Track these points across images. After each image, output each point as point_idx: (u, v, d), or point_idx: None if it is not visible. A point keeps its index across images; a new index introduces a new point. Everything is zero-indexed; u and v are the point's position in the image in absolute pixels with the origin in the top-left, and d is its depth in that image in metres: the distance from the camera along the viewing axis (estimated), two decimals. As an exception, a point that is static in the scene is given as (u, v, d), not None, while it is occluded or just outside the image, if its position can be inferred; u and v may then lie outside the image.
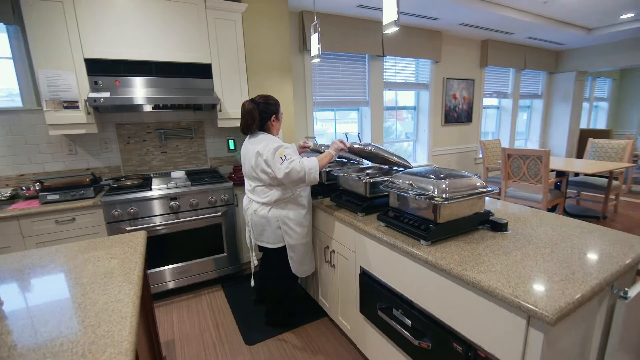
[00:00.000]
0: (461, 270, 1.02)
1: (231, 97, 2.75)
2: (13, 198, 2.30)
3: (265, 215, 1.78)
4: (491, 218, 1.36)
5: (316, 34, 2.54)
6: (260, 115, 1.77)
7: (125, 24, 2.30)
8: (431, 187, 1.25)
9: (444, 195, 1.21)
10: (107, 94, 2.23)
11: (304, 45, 3.38)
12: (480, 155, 4.50)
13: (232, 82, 2.74)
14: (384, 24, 1.76)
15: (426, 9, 3.49)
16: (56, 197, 2.16)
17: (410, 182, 1.35)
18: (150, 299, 1.58)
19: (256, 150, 1.70)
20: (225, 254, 2.59)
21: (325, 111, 3.92)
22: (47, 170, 2.49)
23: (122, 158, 2.73)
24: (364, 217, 1.61)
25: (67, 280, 1.08)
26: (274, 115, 1.82)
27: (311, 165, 1.63)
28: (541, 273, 0.97)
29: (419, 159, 4.74)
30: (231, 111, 2.77)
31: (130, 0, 2.29)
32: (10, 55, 2.31)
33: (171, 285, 2.42)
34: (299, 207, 1.82)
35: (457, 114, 4.77)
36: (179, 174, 2.63)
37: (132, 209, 2.21)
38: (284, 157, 1.63)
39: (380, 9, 3.34)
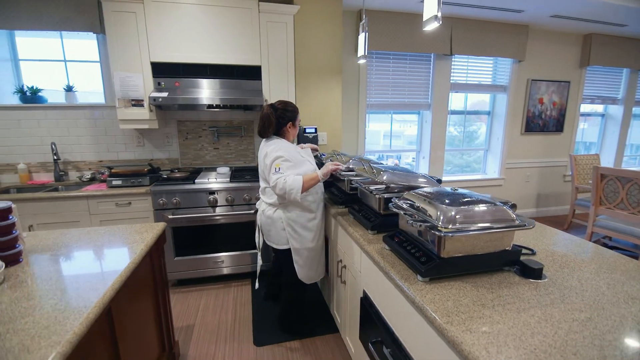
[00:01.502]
0: (446, 321, 0.83)
1: (278, 97, 2.76)
2: (92, 180, 2.73)
3: (271, 216, 1.81)
4: (523, 259, 1.09)
5: (364, 33, 2.41)
6: (277, 120, 1.79)
7: (186, 31, 2.51)
8: (438, 214, 1.05)
9: (450, 226, 1.00)
10: (165, 94, 2.48)
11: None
12: (570, 172, 3.74)
13: (280, 83, 2.78)
14: (424, 19, 1.57)
15: (507, 1, 3.02)
16: (119, 182, 2.49)
17: (418, 204, 1.16)
18: (163, 284, 1.69)
19: (266, 152, 1.75)
20: (257, 251, 2.66)
21: (379, 114, 3.72)
22: (120, 158, 2.90)
23: (181, 152, 3.02)
24: (374, 235, 1.45)
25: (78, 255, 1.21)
26: (291, 122, 1.83)
27: (293, 187, 1.61)
28: (554, 351, 0.72)
29: (490, 171, 4.17)
30: (277, 112, 2.81)
31: (192, 8, 2.49)
32: (99, 60, 2.74)
33: (205, 273, 2.58)
34: (305, 211, 1.80)
35: (544, 122, 4.04)
36: (224, 170, 2.79)
37: (175, 199, 2.42)
38: (276, 170, 1.67)
39: (446, 4, 3.02)
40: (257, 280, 2.10)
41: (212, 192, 2.48)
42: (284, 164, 1.68)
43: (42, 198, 2.29)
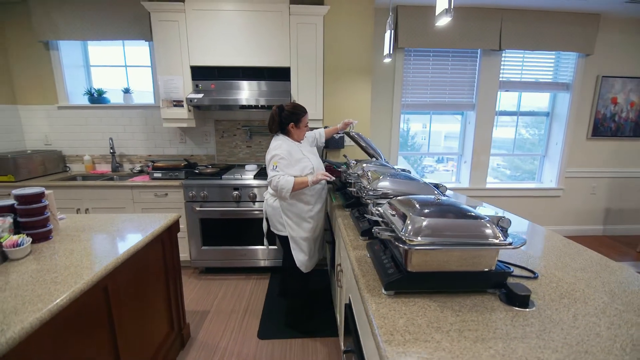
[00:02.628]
0: (386, 339, 0.77)
1: (306, 98, 2.83)
2: (140, 172, 3.07)
3: (272, 205, 1.96)
4: (514, 282, 0.96)
5: (389, 31, 2.32)
6: (280, 120, 1.93)
7: (221, 36, 2.67)
8: (407, 223, 0.98)
9: (416, 238, 0.93)
10: (200, 95, 2.68)
11: (396, 43, 3.13)
12: (651, 186, 3.14)
13: (308, 83, 2.81)
14: (436, 14, 1.49)
15: (568, -14, 2.65)
16: (159, 175, 2.76)
17: (392, 210, 1.09)
18: (175, 269, 1.83)
19: (269, 148, 1.92)
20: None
21: (416, 114, 3.54)
22: (165, 153, 3.21)
23: (217, 149, 3.23)
24: (363, 241, 1.40)
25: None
26: (292, 123, 1.95)
27: (284, 186, 1.79)
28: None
29: (546, 180, 3.70)
30: (304, 112, 2.85)
31: (227, 14, 2.65)
32: (150, 64, 3.06)
33: (228, 263, 2.74)
34: (301, 203, 1.94)
35: (617, 125, 3.45)
36: (251, 167, 2.92)
37: (203, 192, 2.61)
38: (274, 167, 1.84)
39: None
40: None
41: (236, 188, 2.62)
42: (281, 162, 1.83)
43: (96, 186, 2.65)
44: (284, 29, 2.70)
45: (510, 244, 0.93)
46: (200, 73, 2.78)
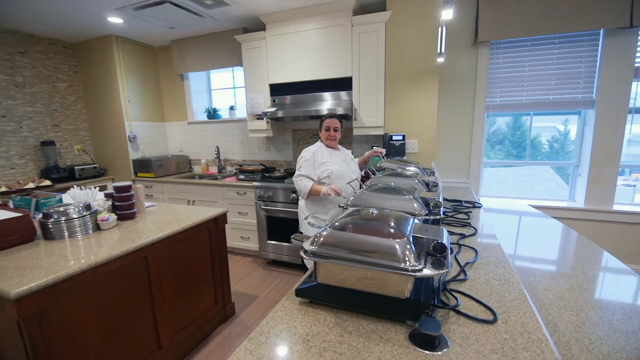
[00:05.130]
0: (253, 336, 0.83)
1: (367, 105, 2.86)
2: (236, 174, 3.73)
3: (300, 204, 2.15)
4: (427, 318, 0.83)
5: (441, 28, 2.11)
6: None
7: (293, 55, 3.00)
8: (317, 232, 0.97)
9: (313, 247, 0.92)
10: (274, 109, 3.07)
11: (476, 38, 2.75)
12: None
13: (369, 91, 2.82)
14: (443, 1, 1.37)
15: None
16: (243, 177, 3.31)
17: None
18: (221, 254, 2.20)
19: None
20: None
21: (506, 116, 2.98)
22: (255, 158, 3.78)
23: (294, 155, 3.59)
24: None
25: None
26: (320, 128, 2.19)
27: (301, 189, 2.03)
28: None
29: None
30: (366, 120, 2.88)
31: (297, 36, 2.95)
32: (243, 85, 3.69)
33: (286, 258, 3.02)
34: (321, 203, 2.06)
35: None
36: (315, 173, 3.13)
37: (268, 193, 2.98)
38: (299, 168, 2.08)
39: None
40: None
41: (294, 191, 2.88)
42: (305, 163, 2.07)
43: (199, 184, 3.40)
44: (346, 41, 2.81)
45: (419, 270, 0.81)
46: (276, 89, 3.18)
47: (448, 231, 1.61)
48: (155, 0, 2.67)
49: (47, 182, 3.18)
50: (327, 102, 2.98)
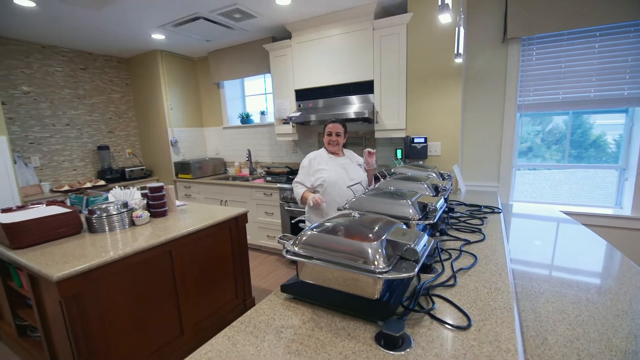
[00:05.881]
0: (236, 324, 0.92)
1: (389, 108, 2.85)
2: (264, 176, 3.91)
3: (305, 214, 2.22)
4: (395, 319, 0.86)
5: (458, 28, 2.06)
6: None
7: (317, 61, 3.10)
8: (303, 232, 1.03)
9: (295, 248, 0.99)
10: (298, 114, 3.19)
11: (505, 35, 2.62)
12: None
13: (390, 94, 2.82)
14: (439, 6, 1.38)
15: None
16: (270, 179, 3.47)
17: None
18: (242, 251, 2.34)
19: None
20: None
21: (539, 116, 2.78)
22: (283, 161, 3.93)
23: (319, 158, 3.67)
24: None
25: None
26: (323, 133, 2.22)
27: (296, 195, 2.16)
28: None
29: None
30: (387, 122, 2.88)
31: (321, 42, 3.04)
32: (272, 91, 3.86)
33: (309, 259, 3.10)
34: (318, 211, 2.08)
35: None
36: (337, 175, 3.18)
37: (291, 195, 3.09)
38: (298, 174, 2.18)
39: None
40: None
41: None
42: (301, 170, 2.16)
43: (230, 185, 3.63)
44: (367, 45, 2.83)
45: (385, 272, 0.84)
46: (301, 94, 3.30)
47: (454, 237, 1.58)
48: (190, 17, 2.92)
49: (102, 182, 3.61)
50: (349, 106, 3.02)
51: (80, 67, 3.73)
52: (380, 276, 0.84)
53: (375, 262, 0.87)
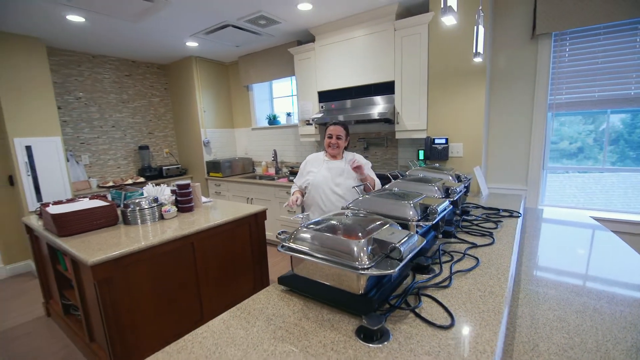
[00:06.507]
0: (232, 310, 1.01)
1: (410, 108, 2.84)
2: (287, 176, 4.03)
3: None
4: (375, 314, 0.91)
5: (477, 27, 2.01)
6: None
7: (339, 63, 3.15)
8: (300, 228, 1.10)
9: (290, 243, 1.06)
10: (320, 115, 3.26)
11: (534, 31, 2.50)
12: None
13: (412, 94, 2.80)
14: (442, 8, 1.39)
15: None
16: (292, 178, 3.57)
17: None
18: (260, 244, 2.45)
19: None
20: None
21: (573, 115, 2.60)
22: (307, 161, 4.02)
23: (342, 158, 3.72)
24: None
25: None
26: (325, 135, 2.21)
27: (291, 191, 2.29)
28: None
29: None
30: (408, 123, 2.86)
31: (343, 44, 3.09)
32: (295, 93, 3.96)
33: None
34: (307, 205, 2.23)
35: None
36: (358, 176, 3.20)
37: (312, 194, 3.16)
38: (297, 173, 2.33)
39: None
40: None
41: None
42: (299, 171, 2.31)
43: (255, 183, 3.79)
44: (389, 45, 2.83)
45: (367, 268, 0.89)
46: (324, 96, 3.37)
47: (461, 239, 1.56)
48: (220, 25, 3.10)
49: (141, 179, 3.94)
50: (369, 107, 3.04)
51: (125, 74, 4.09)
52: (362, 272, 0.88)
53: (360, 259, 0.91)
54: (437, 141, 2.71)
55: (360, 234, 0.99)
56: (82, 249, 1.64)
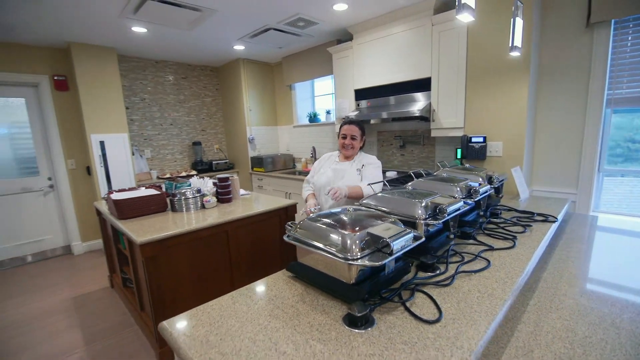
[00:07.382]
0: (238, 289, 1.14)
1: (446, 106, 2.76)
2: (324, 171, 4.13)
3: None
4: (362, 303, 0.97)
5: (514, 19, 1.90)
6: None
7: (376, 61, 3.17)
8: (301, 219, 1.19)
9: (292, 232, 1.15)
10: (355, 113, 3.31)
11: (588, 19, 2.26)
12: None
13: (448, 92, 2.72)
14: (457, 6, 1.39)
15: None
16: (328, 174, 3.67)
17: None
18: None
19: None
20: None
21: (633, 112, 2.30)
22: (344, 158, 4.08)
23: (378, 156, 3.71)
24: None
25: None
26: (338, 135, 2.26)
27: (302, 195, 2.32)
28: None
29: None
30: (444, 121, 2.79)
31: (380, 42, 3.10)
32: (333, 92, 4.03)
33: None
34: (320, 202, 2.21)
35: None
36: (390, 174, 3.19)
37: (344, 191, 3.23)
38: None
39: None
40: None
41: (366, 190, 3.03)
42: (311, 172, 2.34)
43: (292, 179, 3.96)
44: (426, 41, 2.78)
45: (355, 260, 0.95)
46: (360, 94, 3.40)
47: (479, 241, 1.52)
48: (262, 29, 3.30)
49: (194, 172, 4.34)
50: (405, 104, 3.00)
51: (182, 76, 4.53)
52: (350, 262, 0.95)
53: (351, 251, 0.98)
54: (474, 140, 2.60)
55: (357, 228, 1.05)
56: (135, 230, 1.91)
